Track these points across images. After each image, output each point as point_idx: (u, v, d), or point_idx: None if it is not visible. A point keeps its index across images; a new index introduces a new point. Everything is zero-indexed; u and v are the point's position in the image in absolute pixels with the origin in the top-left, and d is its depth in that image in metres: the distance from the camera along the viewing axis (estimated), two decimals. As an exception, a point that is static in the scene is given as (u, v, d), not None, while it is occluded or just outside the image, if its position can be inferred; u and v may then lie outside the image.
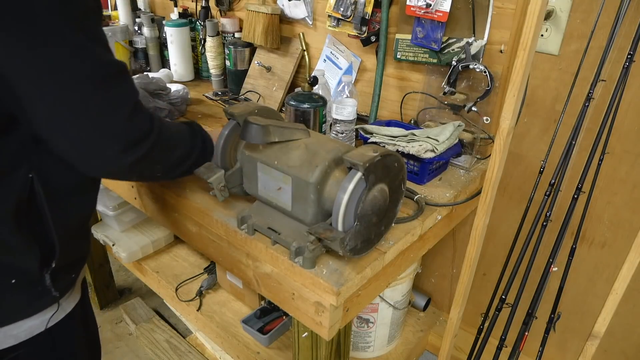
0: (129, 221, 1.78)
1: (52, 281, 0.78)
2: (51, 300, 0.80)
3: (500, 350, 1.28)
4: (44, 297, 0.79)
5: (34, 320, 0.78)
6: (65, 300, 0.84)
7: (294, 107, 1.22)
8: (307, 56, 1.24)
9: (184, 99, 1.50)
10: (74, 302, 0.87)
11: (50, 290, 0.78)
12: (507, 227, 1.43)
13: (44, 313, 0.79)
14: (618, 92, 1.03)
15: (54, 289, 0.79)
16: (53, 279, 0.78)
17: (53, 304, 0.80)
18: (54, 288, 0.78)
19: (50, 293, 0.78)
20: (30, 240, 0.73)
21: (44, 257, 0.76)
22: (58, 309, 0.81)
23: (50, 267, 0.77)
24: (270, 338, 1.47)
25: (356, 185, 0.77)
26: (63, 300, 0.83)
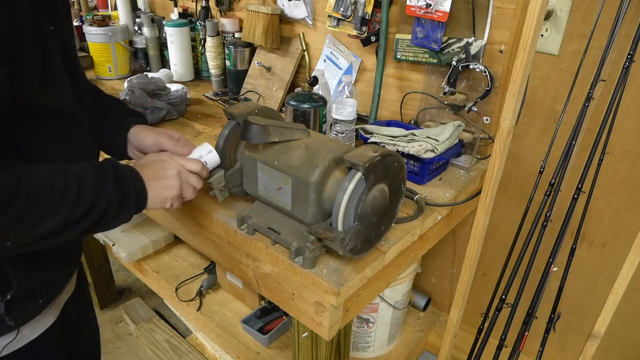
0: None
1: (7, 311, 0.71)
2: (6, 329, 0.73)
3: (500, 350, 1.28)
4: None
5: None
6: (28, 327, 0.77)
7: (293, 107, 1.22)
8: (307, 56, 1.24)
9: (182, 99, 1.49)
10: (43, 327, 0.80)
11: (4, 319, 0.72)
12: (507, 227, 1.43)
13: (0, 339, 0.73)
14: (618, 92, 1.03)
15: (8, 318, 0.72)
16: (8, 309, 0.71)
17: (10, 332, 0.74)
18: (8, 317, 0.72)
19: (5, 322, 0.72)
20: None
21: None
22: (16, 337, 0.75)
23: (5, 297, 0.70)
24: (270, 338, 1.47)
25: (356, 185, 0.77)
26: (26, 327, 0.76)
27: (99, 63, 1.84)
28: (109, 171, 0.70)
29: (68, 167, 0.67)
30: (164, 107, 1.41)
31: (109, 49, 1.81)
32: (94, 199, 0.67)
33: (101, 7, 2.23)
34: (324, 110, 1.25)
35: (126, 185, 0.72)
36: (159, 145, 0.91)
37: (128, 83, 1.44)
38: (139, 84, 1.42)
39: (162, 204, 0.79)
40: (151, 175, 0.77)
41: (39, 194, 0.61)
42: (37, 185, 0.62)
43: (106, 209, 0.68)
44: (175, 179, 0.80)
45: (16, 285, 0.70)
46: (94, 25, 1.78)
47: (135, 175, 0.75)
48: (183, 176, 0.81)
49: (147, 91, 1.42)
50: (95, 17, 1.83)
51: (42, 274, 0.77)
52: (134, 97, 1.38)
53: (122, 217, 0.72)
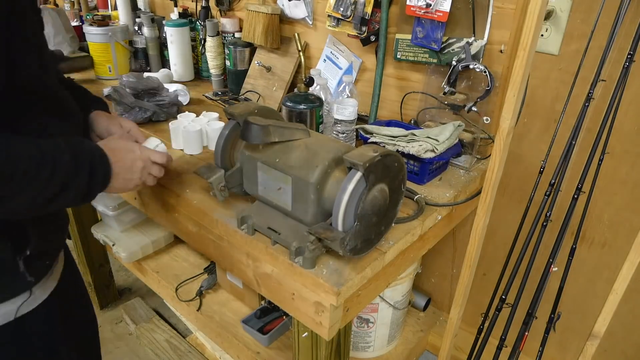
0: (129, 221, 1.78)
1: (26, 267, 0.76)
2: (26, 285, 0.78)
3: (500, 350, 1.28)
4: (17, 282, 0.77)
5: (7, 307, 0.76)
6: (39, 288, 0.82)
7: (289, 108, 1.21)
8: (303, 57, 1.24)
9: (173, 101, 1.45)
10: (50, 289, 0.85)
11: (25, 275, 0.77)
12: (507, 227, 1.43)
13: (17, 299, 0.78)
14: (618, 92, 1.03)
15: (29, 274, 0.77)
16: (27, 265, 0.77)
17: (26, 291, 0.79)
18: (29, 274, 0.77)
19: (25, 278, 0.77)
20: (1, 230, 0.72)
21: (18, 244, 0.75)
22: (30, 296, 0.80)
23: (24, 253, 0.75)
24: (270, 338, 1.47)
25: (356, 185, 0.77)
26: (37, 288, 0.81)
27: (99, 63, 1.84)
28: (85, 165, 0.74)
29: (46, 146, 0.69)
30: (150, 107, 1.39)
31: (109, 49, 1.81)
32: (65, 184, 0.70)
33: (101, 7, 2.23)
34: (320, 111, 1.25)
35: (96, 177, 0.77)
36: (109, 132, 0.98)
37: (119, 82, 1.44)
38: (128, 83, 1.41)
39: (124, 191, 0.88)
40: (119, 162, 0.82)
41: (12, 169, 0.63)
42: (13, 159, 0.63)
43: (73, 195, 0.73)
44: (139, 172, 0.87)
45: (33, 243, 0.75)
46: (94, 25, 1.78)
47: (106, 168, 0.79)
48: (148, 167, 0.89)
49: (137, 90, 1.41)
50: (95, 17, 1.83)
51: (52, 234, 0.83)
52: (118, 95, 1.36)
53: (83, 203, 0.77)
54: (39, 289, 0.82)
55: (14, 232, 0.74)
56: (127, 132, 0.99)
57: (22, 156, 0.64)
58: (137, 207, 1.28)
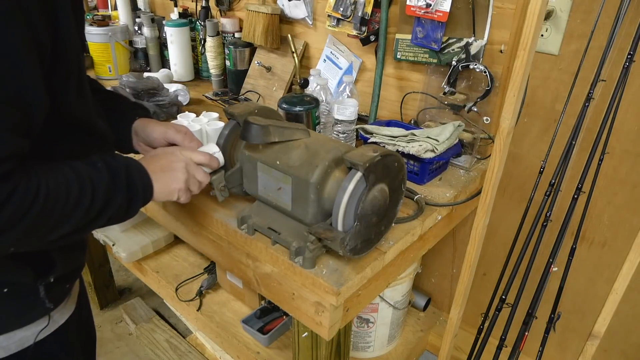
0: (129, 221, 1.78)
1: (47, 292, 0.75)
2: (44, 311, 0.77)
3: (500, 350, 1.28)
4: (37, 308, 0.75)
5: (26, 332, 0.75)
6: (57, 312, 0.81)
7: (285, 110, 1.21)
8: (297, 58, 1.24)
9: (173, 102, 1.45)
10: (68, 314, 0.84)
11: (44, 301, 0.75)
12: (507, 227, 1.43)
13: (35, 325, 0.76)
14: (618, 92, 1.03)
15: (48, 300, 0.75)
16: (47, 291, 0.75)
17: (44, 316, 0.77)
18: (48, 299, 0.75)
19: (44, 304, 0.75)
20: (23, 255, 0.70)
21: (40, 270, 0.73)
22: (49, 322, 0.78)
23: (46, 280, 0.74)
24: (270, 338, 1.47)
25: (356, 185, 0.77)
26: (55, 312, 0.80)
27: (99, 63, 1.84)
28: (122, 178, 0.71)
29: (84, 170, 0.68)
30: (150, 107, 1.38)
31: (109, 49, 1.81)
32: (105, 204, 0.69)
33: (101, 7, 2.23)
34: (316, 112, 1.25)
35: (136, 190, 0.74)
36: (166, 138, 0.92)
37: (119, 82, 1.44)
38: (128, 83, 1.41)
39: (169, 197, 0.81)
40: (158, 168, 0.79)
41: (55, 203, 0.63)
42: (55, 193, 0.63)
43: (115, 213, 0.71)
44: (182, 172, 0.81)
45: (58, 268, 0.74)
46: (94, 25, 1.78)
47: (145, 178, 0.76)
48: (190, 169, 0.82)
49: (137, 90, 1.41)
50: (95, 17, 1.83)
51: (74, 258, 0.81)
52: None
53: (125, 218, 0.75)
54: (58, 313, 0.81)
55: (37, 257, 0.72)
56: (184, 134, 0.92)
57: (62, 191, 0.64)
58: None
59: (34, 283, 0.73)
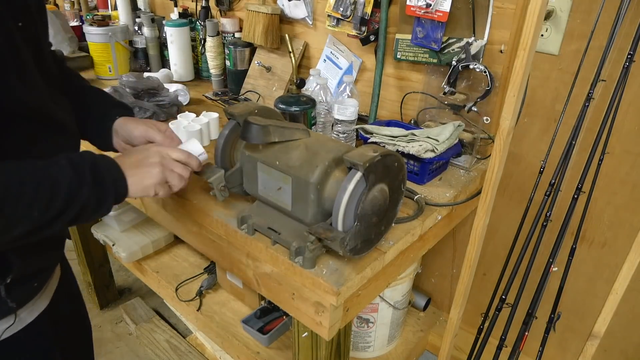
0: (129, 221, 1.78)
1: (7, 293, 0.72)
2: (8, 310, 0.75)
3: (500, 350, 1.28)
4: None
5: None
6: (25, 310, 0.79)
7: (282, 110, 1.22)
8: (294, 58, 1.24)
9: (173, 102, 1.45)
10: (38, 312, 0.82)
11: (6, 301, 0.73)
12: (507, 227, 1.43)
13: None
14: (618, 92, 1.03)
15: (10, 300, 0.73)
16: (9, 291, 0.72)
17: (8, 315, 0.75)
18: (10, 299, 0.73)
19: (7, 304, 0.73)
20: None
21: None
22: (15, 321, 0.76)
23: (5, 280, 0.71)
24: (270, 338, 1.47)
25: (356, 185, 0.77)
26: (23, 311, 0.78)
27: (99, 63, 1.84)
28: (86, 173, 0.68)
29: (44, 166, 0.65)
30: (150, 108, 1.38)
31: (109, 49, 1.81)
32: (68, 203, 0.66)
33: (101, 7, 2.23)
34: (312, 112, 1.26)
35: (104, 186, 0.71)
36: (147, 136, 0.91)
37: (119, 81, 1.44)
38: (128, 83, 1.41)
39: (145, 191, 0.78)
40: (132, 163, 0.77)
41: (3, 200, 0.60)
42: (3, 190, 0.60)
43: (80, 211, 0.68)
44: (156, 166, 0.79)
45: (16, 269, 0.71)
46: (94, 25, 1.78)
47: (115, 172, 0.74)
48: (166, 163, 0.81)
49: (137, 90, 1.41)
50: (95, 17, 1.83)
51: (37, 258, 0.77)
52: (118, 95, 1.36)
53: (98, 214, 0.73)
54: (25, 311, 0.79)
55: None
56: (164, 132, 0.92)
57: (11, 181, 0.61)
58: (137, 207, 1.28)
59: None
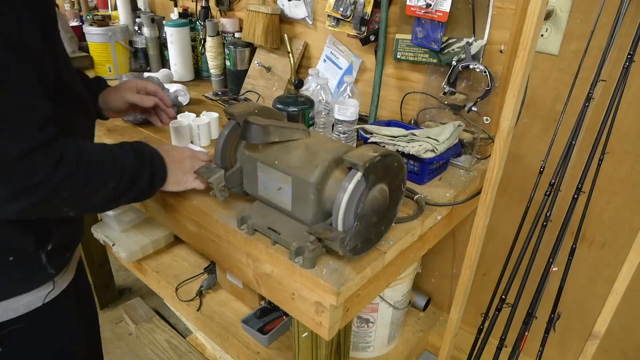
0: (129, 221, 1.78)
1: (48, 260, 0.82)
2: (47, 277, 0.84)
3: (500, 350, 1.28)
4: (41, 274, 0.83)
5: (32, 295, 0.83)
6: (60, 278, 0.88)
7: (279, 111, 1.21)
8: (292, 58, 1.24)
9: (173, 102, 1.41)
10: (69, 279, 0.92)
11: (47, 267, 0.83)
12: (507, 227, 1.43)
13: (41, 289, 0.84)
14: (618, 92, 1.03)
15: (50, 266, 0.83)
16: (49, 258, 0.83)
17: (49, 281, 0.85)
18: (50, 266, 0.83)
19: (47, 270, 0.83)
20: (25, 225, 0.78)
21: (40, 239, 0.80)
22: (54, 287, 0.86)
23: (46, 248, 0.81)
24: (270, 338, 1.47)
25: (356, 185, 0.77)
26: (58, 278, 0.87)
27: (99, 63, 1.84)
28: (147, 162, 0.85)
29: (111, 146, 0.81)
30: None
31: (109, 49, 1.81)
32: (132, 182, 0.81)
33: (101, 7, 2.23)
34: (310, 113, 1.26)
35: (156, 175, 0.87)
36: (125, 100, 1.11)
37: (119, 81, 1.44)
38: None
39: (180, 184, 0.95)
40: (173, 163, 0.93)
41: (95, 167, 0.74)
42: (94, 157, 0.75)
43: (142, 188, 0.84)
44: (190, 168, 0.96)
45: (55, 238, 0.82)
46: (94, 25, 1.78)
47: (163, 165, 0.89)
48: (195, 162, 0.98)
49: None
50: (95, 17, 1.83)
51: (71, 228, 0.90)
52: None
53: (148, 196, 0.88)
54: (60, 279, 0.88)
55: (37, 226, 0.79)
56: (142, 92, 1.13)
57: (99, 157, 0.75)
58: (137, 207, 1.28)
59: (36, 251, 0.81)
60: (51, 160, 0.67)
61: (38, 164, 0.66)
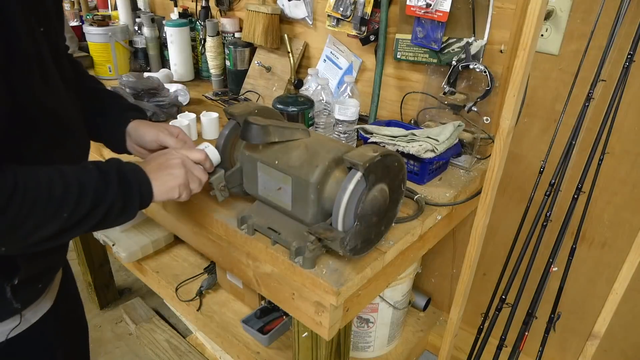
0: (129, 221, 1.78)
1: (13, 294, 0.73)
2: (12, 312, 0.76)
3: (500, 350, 1.28)
4: (4, 308, 0.75)
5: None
6: (30, 311, 0.80)
7: (279, 110, 1.21)
8: (292, 58, 1.24)
9: (173, 102, 1.45)
10: (42, 312, 0.83)
11: (12, 302, 0.74)
12: (507, 227, 1.43)
13: (3, 325, 0.76)
14: (618, 92, 1.03)
15: (15, 301, 0.74)
16: (14, 292, 0.73)
17: (14, 316, 0.77)
18: (15, 300, 0.74)
19: (12, 305, 0.74)
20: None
21: (4, 272, 0.72)
22: (21, 321, 0.78)
23: (11, 281, 0.72)
24: (270, 338, 1.47)
25: (356, 185, 0.77)
26: (27, 311, 0.79)
27: (99, 63, 1.84)
28: (112, 175, 0.70)
29: (71, 170, 0.67)
30: (150, 108, 1.38)
31: (109, 49, 1.81)
32: (95, 204, 0.67)
33: (101, 7, 2.23)
34: (310, 113, 1.26)
35: (130, 189, 0.73)
36: (158, 140, 0.92)
37: (119, 82, 1.44)
38: (128, 83, 1.41)
39: (170, 194, 0.80)
40: (155, 167, 0.79)
41: (34, 201, 0.61)
42: (34, 191, 0.61)
43: (106, 213, 0.69)
44: (179, 168, 0.81)
45: (22, 271, 0.72)
46: (94, 25, 1.78)
47: (140, 175, 0.76)
48: (187, 165, 0.83)
49: (137, 90, 1.40)
50: (95, 17, 1.83)
51: (43, 260, 0.78)
52: None
53: (123, 219, 0.74)
54: (30, 312, 0.80)
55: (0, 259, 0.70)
56: (176, 137, 0.92)
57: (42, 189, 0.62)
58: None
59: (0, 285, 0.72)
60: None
61: None
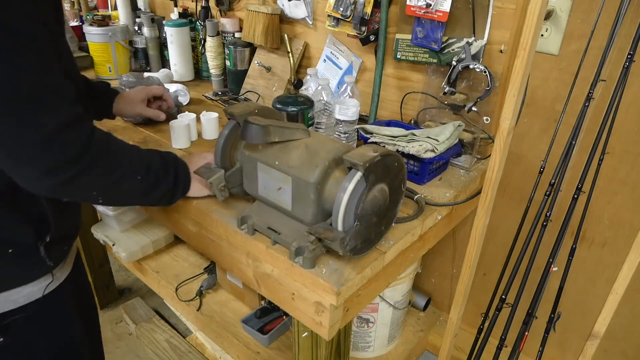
0: (129, 221, 1.78)
1: (47, 252, 0.84)
2: (46, 269, 0.86)
3: (500, 350, 1.28)
4: (40, 266, 0.85)
5: (31, 287, 0.85)
6: (58, 271, 0.90)
7: (279, 110, 1.22)
8: (292, 58, 1.24)
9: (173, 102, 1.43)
10: (67, 272, 0.94)
11: (45, 260, 0.85)
12: (507, 227, 1.43)
13: (40, 281, 0.86)
14: (618, 92, 1.03)
15: (48, 259, 0.85)
16: (47, 251, 0.84)
17: (47, 273, 0.87)
18: (48, 258, 0.85)
19: (45, 262, 0.85)
20: (25, 218, 0.80)
21: (39, 232, 0.83)
22: (53, 279, 0.88)
23: (45, 240, 0.83)
24: (270, 338, 1.47)
25: (356, 185, 0.77)
26: (57, 271, 0.89)
27: (99, 63, 1.84)
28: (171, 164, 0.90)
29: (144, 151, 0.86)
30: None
31: (109, 49, 1.81)
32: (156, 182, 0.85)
33: (101, 7, 2.23)
34: (309, 113, 1.26)
35: (179, 179, 0.91)
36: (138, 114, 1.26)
37: (119, 82, 1.44)
38: (128, 83, 1.41)
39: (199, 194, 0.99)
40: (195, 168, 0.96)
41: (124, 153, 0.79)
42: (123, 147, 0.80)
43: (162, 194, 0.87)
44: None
45: (54, 229, 0.84)
46: (94, 25, 1.78)
47: (187, 173, 0.93)
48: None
49: None
50: (95, 17, 1.83)
51: (69, 222, 0.92)
52: None
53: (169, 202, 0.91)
54: (59, 271, 0.91)
55: (36, 219, 0.82)
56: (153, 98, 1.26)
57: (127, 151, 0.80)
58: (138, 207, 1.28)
59: (35, 243, 0.83)
60: (84, 135, 0.71)
61: (72, 139, 0.70)
